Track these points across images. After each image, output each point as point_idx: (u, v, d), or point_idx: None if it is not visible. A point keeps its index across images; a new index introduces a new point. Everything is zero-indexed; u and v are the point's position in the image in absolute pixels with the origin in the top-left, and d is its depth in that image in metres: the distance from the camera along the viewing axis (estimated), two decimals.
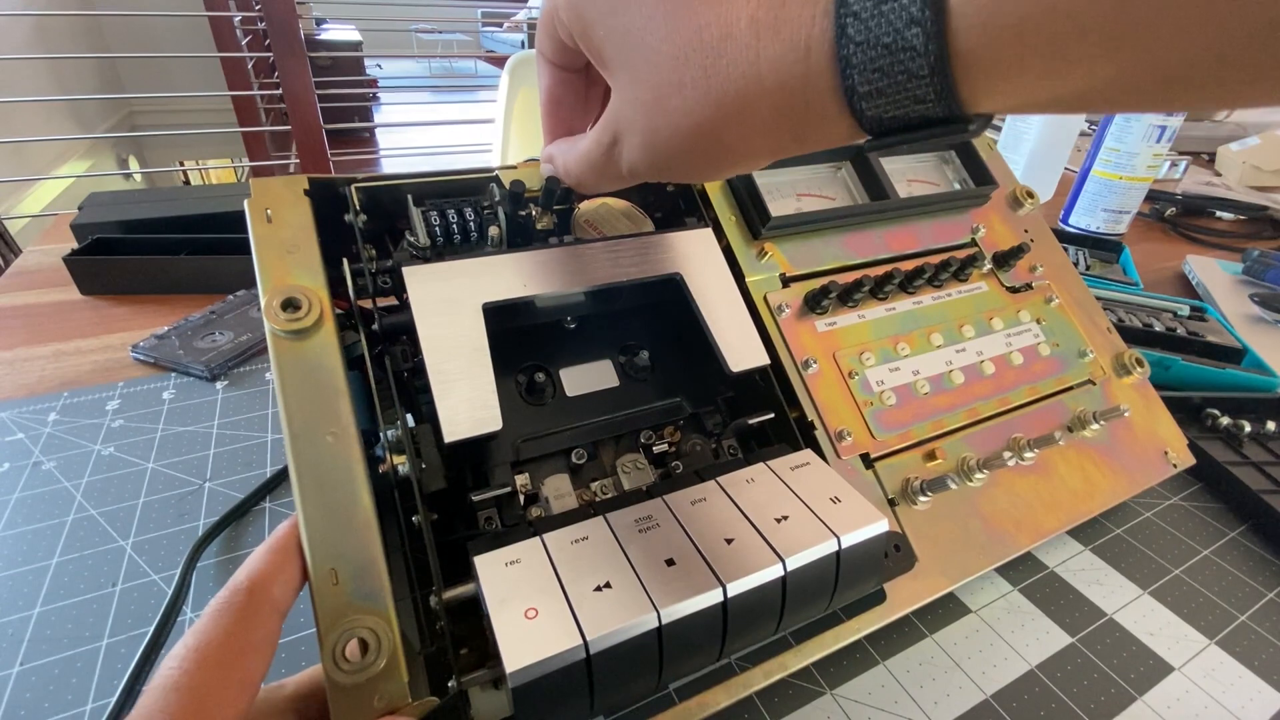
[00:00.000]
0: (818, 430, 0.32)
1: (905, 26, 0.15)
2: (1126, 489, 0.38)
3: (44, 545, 0.36)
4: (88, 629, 0.31)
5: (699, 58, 0.18)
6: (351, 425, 0.24)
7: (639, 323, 0.34)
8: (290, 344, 0.25)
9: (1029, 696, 0.30)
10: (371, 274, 0.28)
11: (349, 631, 0.21)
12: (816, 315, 0.35)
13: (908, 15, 0.15)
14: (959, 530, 0.33)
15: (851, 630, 0.29)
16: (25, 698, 0.28)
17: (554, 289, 0.29)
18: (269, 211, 0.27)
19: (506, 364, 0.30)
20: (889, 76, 0.16)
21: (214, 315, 0.56)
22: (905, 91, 0.16)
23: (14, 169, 1.84)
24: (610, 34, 0.20)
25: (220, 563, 0.35)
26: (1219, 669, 0.32)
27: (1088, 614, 0.34)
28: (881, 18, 0.15)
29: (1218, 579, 0.37)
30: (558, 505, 0.28)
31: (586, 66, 0.25)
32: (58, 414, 0.45)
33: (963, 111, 0.16)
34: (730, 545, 0.24)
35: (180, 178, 2.52)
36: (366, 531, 0.23)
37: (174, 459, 0.42)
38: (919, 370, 0.36)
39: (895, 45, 0.15)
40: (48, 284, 0.63)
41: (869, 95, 0.16)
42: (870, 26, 0.15)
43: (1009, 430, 0.36)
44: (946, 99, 0.16)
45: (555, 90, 0.25)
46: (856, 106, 0.17)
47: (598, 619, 0.21)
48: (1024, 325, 0.40)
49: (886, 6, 0.15)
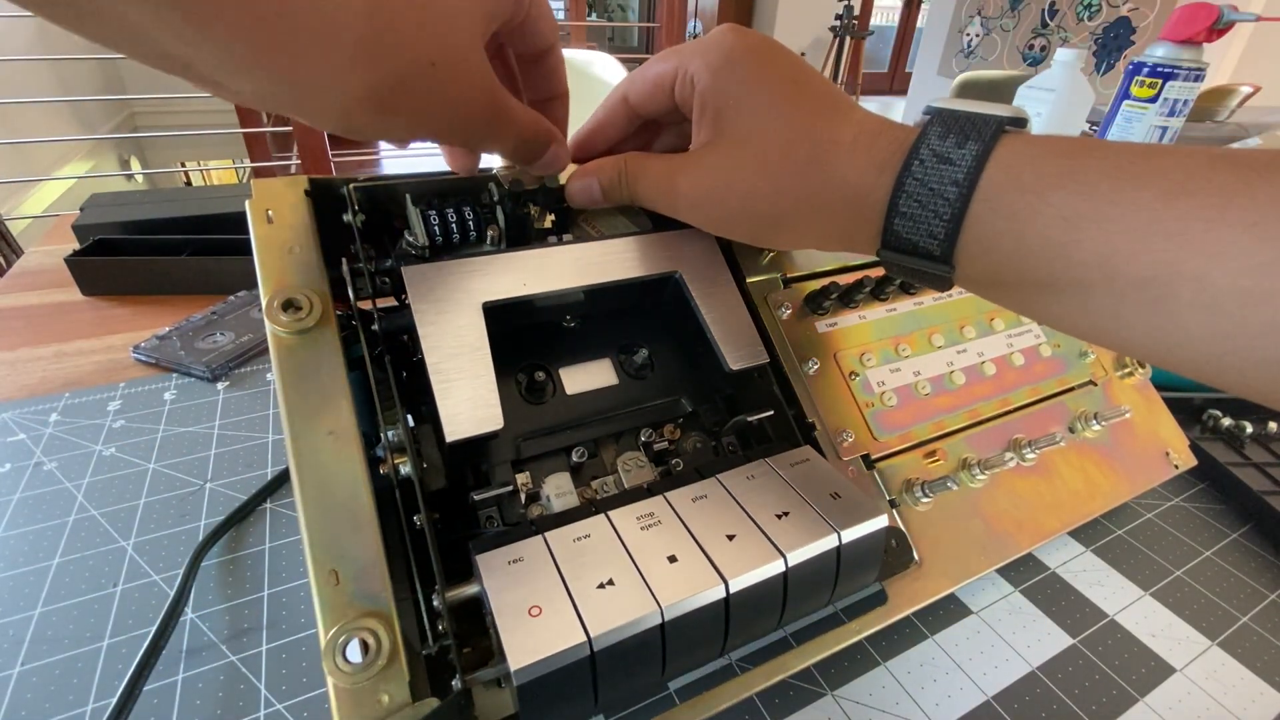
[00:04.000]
0: (818, 431, 0.32)
1: (949, 184, 0.21)
2: (1128, 490, 0.38)
3: (45, 546, 0.36)
4: (89, 629, 0.31)
5: (807, 148, 0.24)
6: (352, 426, 0.24)
7: (639, 322, 0.34)
8: (291, 344, 0.25)
9: (1030, 698, 0.30)
10: (371, 274, 0.28)
11: (350, 632, 0.21)
12: (817, 316, 0.35)
13: (952, 178, 0.21)
14: (960, 531, 0.33)
15: (852, 631, 0.29)
16: (26, 698, 0.28)
17: (554, 288, 0.29)
18: (270, 212, 0.27)
19: (506, 363, 0.30)
20: (923, 208, 0.22)
21: (215, 316, 0.56)
22: (926, 226, 0.22)
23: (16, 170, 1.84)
24: (740, 107, 0.25)
25: (221, 563, 0.35)
26: (1221, 670, 0.32)
27: (1089, 615, 0.34)
28: (936, 171, 0.22)
29: (1219, 580, 0.37)
30: (559, 503, 0.28)
31: (652, 121, 0.30)
32: (59, 414, 0.45)
33: (953, 258, 0.22)
34: (732, 541, 0.24)
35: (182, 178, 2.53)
36: (367, 532, 0.23)
37: (175, 459, 0.42)
38: (920, 371, 0.36)
39: (936, 192, 0.22)
40: (49, 285, 0.63)
41: (903, 215, 0.23)
42: (927, 172, 0.22)
43: (1010, 431, 0.36)
44: (948, 243, 0.22)
45: (617, 125, 0.30)
46: (891, 220, 0.23)
47: (601, 616, 0.21)
48: (1025, 326, 0.40)
49: (943, 167, 0.22)
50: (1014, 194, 0.21)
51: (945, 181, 0.21)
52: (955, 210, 0.21)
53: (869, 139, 0.24)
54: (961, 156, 0.21)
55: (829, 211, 0.25)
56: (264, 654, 0.31)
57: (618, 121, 0.30)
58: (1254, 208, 0.17)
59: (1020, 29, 2.74)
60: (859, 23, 3.96)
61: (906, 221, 0.22)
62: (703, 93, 0.26)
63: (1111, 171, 0.19)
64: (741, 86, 0.25)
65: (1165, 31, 0.75)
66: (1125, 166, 0.19)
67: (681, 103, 0.27)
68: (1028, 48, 2.72)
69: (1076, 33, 2.51)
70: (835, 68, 3.88)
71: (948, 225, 0.22)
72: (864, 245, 0.25)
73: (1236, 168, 0.18)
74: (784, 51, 0.26)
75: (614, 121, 0.30)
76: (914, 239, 0.23)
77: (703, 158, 0.26)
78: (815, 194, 0.24)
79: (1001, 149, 0.21)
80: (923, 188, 0.22)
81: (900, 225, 0.23)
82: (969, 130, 0.22)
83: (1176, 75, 0.75)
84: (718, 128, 0.26)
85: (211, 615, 0.32)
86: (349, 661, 0.21)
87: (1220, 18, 0.71)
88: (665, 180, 0.27)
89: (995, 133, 0.21)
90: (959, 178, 0.21)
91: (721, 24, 0.27)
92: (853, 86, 3.98)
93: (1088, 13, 2.46)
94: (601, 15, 5.00)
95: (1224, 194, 0.18)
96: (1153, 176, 0.19)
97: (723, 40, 0.26)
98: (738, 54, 0.25)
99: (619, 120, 0.30)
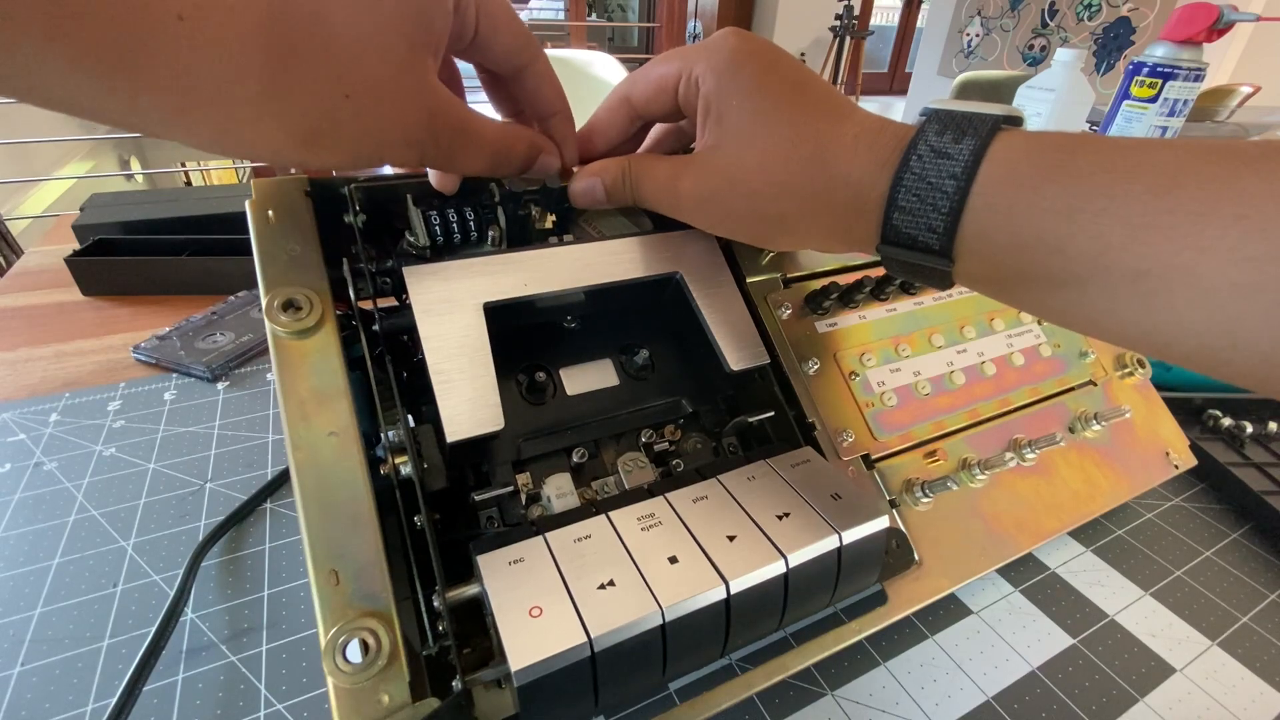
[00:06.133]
0: (818, 431, 0.32)
1: (947, 178, 0.22)
2: (1128, 490, 0.38)
3: (45, 546, 0.36)
4: (89, 629, 0.31)
5: (810, 148, 0.24)
6: (353, 426, 0.24)
7: (639, 322, 0.34)
8: (291, 344, 0.25)
9: (1030, 698, 0.30)
10: (372, 274, 0.28)
11: (351, 632, 0.21)
12: (817, 316, 0.35)
13: (950, 172, 0.22)
14: (960, 531, 0.33)
15: (853, 631, 0.29)
16: (26, 698, 0.28)
17: (554, 289, 0.29)
18: (270, 212, 0.27)
19: (507, 363, 0.30)
20: (921, 202, 0.22)
21: (215, 316, 0.56)
22: (925, 220, 0.22)
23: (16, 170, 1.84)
24: (744, 110, 0.25)
25: (221, 563, 0.35)
26: (1221, 670, 0.32)
27: (1089, 615, 0.34)
28: (934, 166, 0.22)
29: (1220, 580, 0.37)
30: (559, 504, 0.28)
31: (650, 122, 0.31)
32: (59, 415, 0.45)
33: (952, 252, 0.22)
34: (732, 542, 0.24)
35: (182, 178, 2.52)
36: (367, 532, 0.23)
37: (175, 459, 0.42)
38: (920, 371, 0.36)
39: (934, 185, 0.22)
40: (49, 285, 0.63)
41: (901, 209, 0.23)
42: (925, 167, 0.22)
43: (1010, 431, 0.36)
44: (947, 237, 0.22)
45: (618, 125, 0.30)
46: (890, 214, 0.23)
47: (602, 617, 0.21)
48: (1025, 326, 0.40)
49: (941, 161, 0.22)
50: (1011, 187, 0.21)
51: (943, 175, 0.22)
52: (954, 204, 0.22)
53: (870, 137, 0.24)
54: (959, 151, 0.22)
55: (831, 211, 0.25)
56: (264, 654, 0.31)
57: (619, 122, 0.30)
58: (1242, 200, 0.17)
59: (1020, 29, 2.75)
60: (859, 23, 3.96)
61: (905, 216, 0.23)
62: (707, 95, 0.26)
63: (1105, 165, 0.20)
64: (745, 89, 0.25)
65: (1165, 31, 0.75)
66: (1118, 160, 0.20)
67: (685, 105, 0.27)
68: (1028, 48, 2.73)
69: (1076, 33, 2.51)
70: (835, 68, 3.88)
71: (946, 219, 0.22)
72: (864, 242, 0.25)
73: (1226, 160, 0.18)
74: (786, 56, 0.26)
75: (615, 122, 0.30)
76: (913, 233, 0.23)
77: (707, 159, 0.27)
78: (818, 193, 0.25)
79: (998, 144, 0.21)
80: (921, 182, 0.22)
81: (899, 220, 0.23)
82: (965, 127, 0.22)
83: (1176, 75, 0.75)
84: (722, 129, 0.26)
85: (211, 615, 0.32)
86: (349, 661, 0.21)
87: (1220, 18, 0.71)
88: (669, 182, 0.28)
89: (991, 129, 0.22)
90: (957, 171, 0.21)
91: (724, 28, 0.27)
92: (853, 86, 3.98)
93: (1088, 13, 2.46)
94: (601, 15, 5.00)
95: (1213, 186, 0.18)
96: (1144, 169, 0.19)
97: (726, 44, 0.26)
98: (741, 58, 0.26)
99: (620, 120, 0.30)
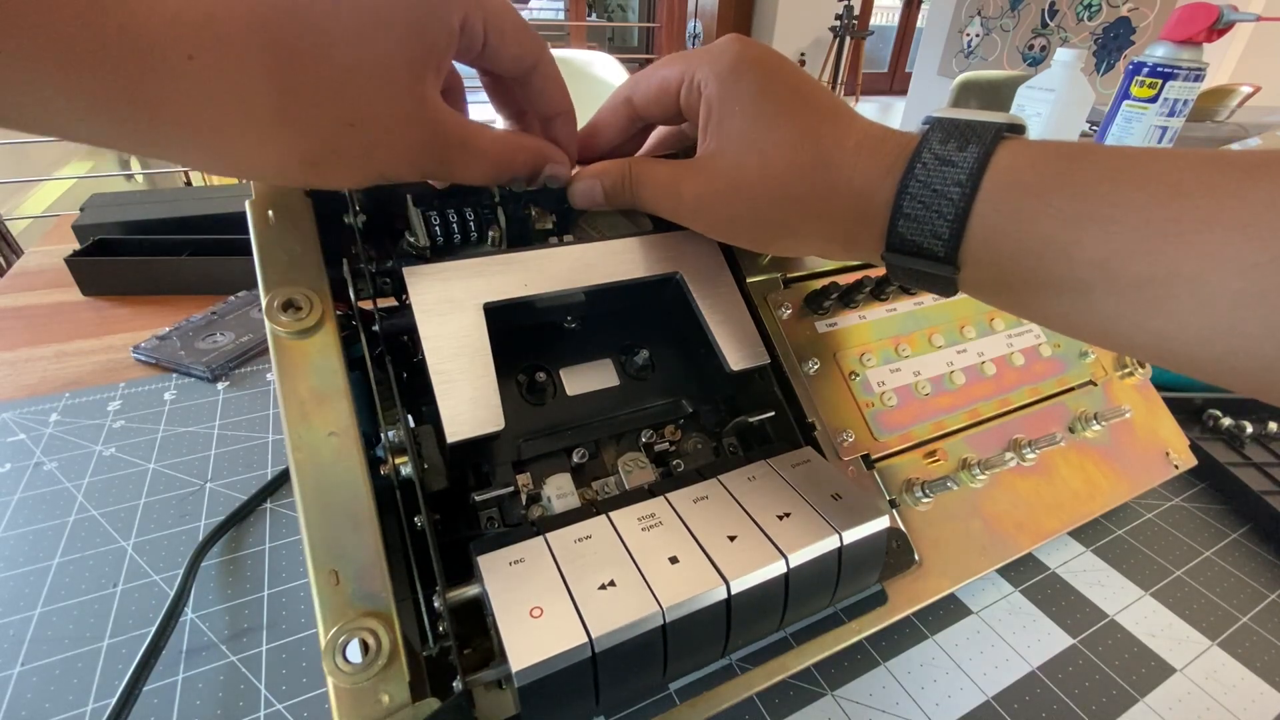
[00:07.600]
0: (819, 431, 0.32)
1: (952, 185, 0.22)
2: (1128, 490, 0.38)
3: (45, 546, 0.36)
4: (89, 629, 0.31)
5: (812, 153, 0.24)
6: (353, 426, 0.24)
7: (639, 322, 0.34)
8: (291, 345, 0.25)
9: (1030, 698, 0.30)
10: (372, 274, 0.28)
11: (350, 632, 0.21)
12: (817, 316, 0.35)
13: (955, 179, 0.22)
14: (960, 531, 0.33)
15: (853, 631, 0.29)
16: (26, 698, 0.28)
17: (554, 289, 0.29)
18: (270, 212, 0.27)
19: (507, 364, 0.30)
20: (927, 209, 0.22)
21: (215, 316, 0.56)
22: (930, 226, 0.22)
23: (16, 170, 1.84)
24: (746, 115, 0.25)
25: (221, 563, 0.35)
26: (1221, 671, 0.32)
27: (1089, 615, 0.34)
28: (939, 173, 0.22)
29: (1220, 580, 0.37)
30: (560, 504, 0.28)
31: (651, 124, 0.31)
32: (59, 414, 0.45)
33: (957, 259, 0.22)
34: (733, 542, 0.24)
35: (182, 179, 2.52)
36: (367, 532, 0.23)
37: (175, 459, 0.42)
38: (920, 371, 0.36)
39: (940, 192, 0.22)
40: (49, 285, 0.63)
41: (906, 216, 0.23)
42: (930, 174, 0.22)
43: (1010, 431, 0.36)
44: (953, 243, 0.22)
45: (619, 126, 0.30)
46: (895, 221, 0.23)
47: (603, 617, 0.21)
48: (1025, 326, 0.40)
49: (946, 169, 0.22)
50: (1016, 194, 0.21)
51: (948, 182, 0.22)
52: (959, 210, 0.22)
53: (873, 145, 0.24)
54: (963, 159, 0.22)
55: (833, 216, 0.25)
56: (264, 654, 0.31)
57: (619, 123, 0.30)
58: (1245, 209, 0.17)
59: (1020, 29, 2.74)
60: (859, 23, 3.97)
61: (910, 223, 0.23)
62: (709, 100, 0.26)
63: (1110, 174, 0.20)
64: (748, 95, 0.25)
65: (1165, 31, 0.75)
66: (1123, 169, 0.20)
67: (686, 108, 0.27)
68: (1028, 48, 2.72)
69: (1076, 33, 2.51)
70: (835, 68, 3.88)
71: (952, 225, 0.22)
72: (868, 250, 0.25)
73: (1229, 170, 0.18)
74: (789, 63, 0.26)
75: (616, 123, 0.30)
76: (918, 240, 0.23)
77: (708, 163, 0.27)
78: (820, 199, 0.25)
79: (1002, 152, 0.22)
80: (926, 189, 0.22)
81: (904, 227, 0.23)
82: (969, 135, 0.22)
83: (1176, 75, 0.75)
84: (723, 134, 0.26)
85: (211, 615, 0.32)
86: (349, 661, 0.21)
87: (1220, 18, 0.71)
88: (670, 185, 0.28)
89: (995, 137, 0.22)
90: (961, 178, 0.21)
91: (727, 34, 0.27)
92: (853, 87, 3.99)
93: (1088, 13, 2.46)
94: (601, 15, 5.00)
95: (1216, 196, 0.18)
96: (1149, 179, 0.19)
97: (730, 49, 0.26)
98: (744, 64, 0.26)
99: (621, 122, 0.30)
